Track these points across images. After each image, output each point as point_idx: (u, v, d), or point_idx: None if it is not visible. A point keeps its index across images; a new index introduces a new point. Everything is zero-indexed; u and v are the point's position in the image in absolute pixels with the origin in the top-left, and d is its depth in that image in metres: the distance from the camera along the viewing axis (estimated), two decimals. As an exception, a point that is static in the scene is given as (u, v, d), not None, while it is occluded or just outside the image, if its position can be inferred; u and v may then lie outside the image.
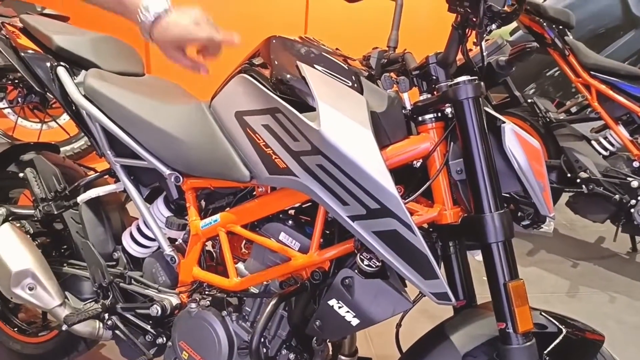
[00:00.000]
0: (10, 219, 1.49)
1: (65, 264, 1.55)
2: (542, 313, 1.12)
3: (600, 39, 4.14)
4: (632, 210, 2.47)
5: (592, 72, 2.59)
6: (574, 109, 3.05)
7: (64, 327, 1.37)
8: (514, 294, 1.02)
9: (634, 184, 2.47)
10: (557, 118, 2.80)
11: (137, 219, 1.54)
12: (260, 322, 1.12)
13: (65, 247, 1.69)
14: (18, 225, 1.56)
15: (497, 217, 1.02)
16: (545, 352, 1.05)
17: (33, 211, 1.54)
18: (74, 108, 1.44)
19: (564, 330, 1.08)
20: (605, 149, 2.68)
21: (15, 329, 1.83)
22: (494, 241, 1.03)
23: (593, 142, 2.71)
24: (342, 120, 1.04)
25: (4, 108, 2.87)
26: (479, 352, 1.09)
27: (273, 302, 1.14)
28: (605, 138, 2.69)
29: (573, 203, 2.70)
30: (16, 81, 2.60)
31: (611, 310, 2.37)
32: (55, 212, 1.49)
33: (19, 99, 2.71)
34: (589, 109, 2.72)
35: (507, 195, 1.12)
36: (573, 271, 2.68)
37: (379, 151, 1.02)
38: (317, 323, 1.13)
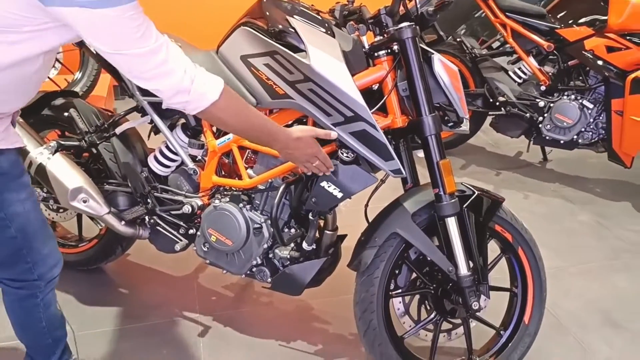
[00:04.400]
0: (60, 149, 1.88)
1: (104, 184, 1.96)
2: (463, 183, 1.67)
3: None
4: (540, 125, 3.07)
5: (507, 13, 3.11)
6: (495, 45, 3.59)
7: (122, 223, 1.81)
8: (443, 168, 1.55)
9: (541, 103, 3.05)
10: (481, 53, 3.31)
11: (155, 149, 1.97)
12: (275, 200, 1.62)
13: (92, 176, 2.08)
14: (62, 156, 1.95)
15: (430, 118, 1.53)
16: (464, 206, 1.59)
17: (78, 143, 1.93)
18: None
19: (476, 192, 1.63)
20: (519, 77, 3.23)
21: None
22: (429, 134, 1.54)
23: (510, 72, 3.25)
24: (325, 57, 1.50)
25: None
26: (422, 212, 1.62)
27: (282, 186, 1.63)
28: (519, 68, 3.24)
29: (495, 123, 3.28)
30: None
31: (525, 205, 3.00)
32: (98, 142, 1.89)
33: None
34: (506, 45, 3.26)
35: (437, 104, 1.63)
36: (496, 178, 3.29)
37: (351, 77, 1.50)
38: (313, 200, 1.63)
